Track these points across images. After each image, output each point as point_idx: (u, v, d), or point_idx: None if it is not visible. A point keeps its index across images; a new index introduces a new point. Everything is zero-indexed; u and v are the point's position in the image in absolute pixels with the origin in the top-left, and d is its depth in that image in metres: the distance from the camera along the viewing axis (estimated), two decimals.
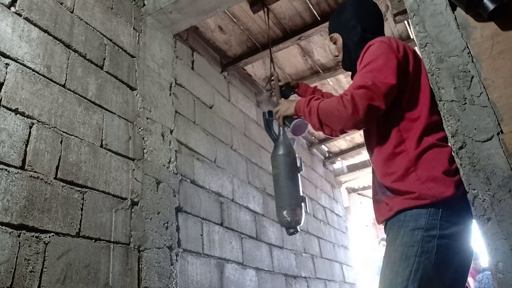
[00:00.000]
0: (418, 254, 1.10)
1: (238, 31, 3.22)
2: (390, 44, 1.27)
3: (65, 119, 1.80)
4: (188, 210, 2.45)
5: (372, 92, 1.20)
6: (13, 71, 1.63)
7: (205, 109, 3.01)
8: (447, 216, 1.12)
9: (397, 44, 1.29)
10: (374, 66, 1.24)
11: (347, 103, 1.22)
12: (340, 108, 1.23)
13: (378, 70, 1.22)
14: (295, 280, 3.52)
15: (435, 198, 1.11)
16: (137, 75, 2.35)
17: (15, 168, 1.52)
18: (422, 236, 1.11)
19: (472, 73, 1.08)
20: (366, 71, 1.25)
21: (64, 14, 1.97)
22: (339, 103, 1.24)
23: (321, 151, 5.48)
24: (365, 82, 1.21)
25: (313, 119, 1.34)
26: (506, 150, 0.99)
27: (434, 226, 1.11)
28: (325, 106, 1.30)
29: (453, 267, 1.13)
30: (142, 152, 2.20)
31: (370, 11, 1.50)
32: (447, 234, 1.11)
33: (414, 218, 1.14)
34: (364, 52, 1.32)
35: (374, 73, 1.22)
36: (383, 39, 1.30)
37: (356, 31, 1.45)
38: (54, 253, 1.56)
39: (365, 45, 1.35)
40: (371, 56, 1.26)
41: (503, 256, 0.93)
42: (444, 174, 1.13)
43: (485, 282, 3.73)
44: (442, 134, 1.19)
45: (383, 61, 1.23)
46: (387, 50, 1.25)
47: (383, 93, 1.20)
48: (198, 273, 2.37)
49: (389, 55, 1.24)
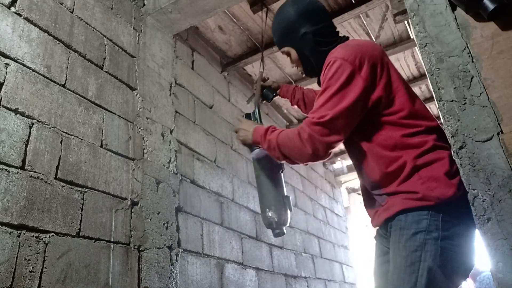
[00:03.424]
0: (422, 259, 1.09)
1: (238, 31, 3.22)
2: (351, 62, 1.19)
3: (65, 119, 1.80)
4: (188, 210, 2.45)
5: (329, 129, 1.18)
6: (13, 71, 1.63)
7: (205, 109, 3.01)
8: (448, 216, 1.11)
9: (360, 56, 1.20)
10: (333, 90, 1.19)
11: (306, 142, 1.21)
12: (300, 147, 1.23)
13: (337, 96, 1.18)
14: (295, 280, 3.52)
15: (439, 200, 1.10)
16: (137, 75, 2.35)
17: (15, 168, 1.52)
18: (424, 239, 1.10)
19: (472, 73, 1.08)
20: (325, 98, 1.20)
21: (64, 14, 1.97)
22: (299, 141, 1.23)
23: None
24: (321, 116, 1.19)
25: (275, 153, 1.34)
26: (506, 150, 0.99)
27: (436, 228, 1.09)
28: (285, 142, 1.29)
29: (463, 268, 1.13)
30: (142, 152, 2.20)
31: (313, 10, 1.39)
32: (449, 235, 1.10)
33: (415, 220, 1.12)
34: (325, 68, 1.25)
35: (332, 101, 1.18)
36: (344, 56, 1.20)
37: (307, 39, 1.37)
38: (54, 253, 1.56)
39: (323, 50, 1.33)
40: (331, 80, 1.20)
41: (503, 256, 0.93)
42: (445, 175, 1.12)
43: (486, 282, 3.73)
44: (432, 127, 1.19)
45: (342, 85, 1.18)
46: (348, 72, 1.18)
47: (341, 125, 1.18)
48: (198, 273, 2.37)
49: (350, 78, 1.18)
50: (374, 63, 1.21)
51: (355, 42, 1.30)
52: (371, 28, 3.33)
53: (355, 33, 3.36)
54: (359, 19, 3.22)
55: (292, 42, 1.41)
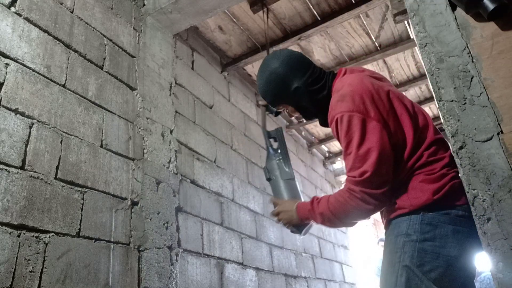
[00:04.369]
0: (401, 259, 1.15)
1: (238, 31, 3.22)
2: (358, 111, 1.18)
3: (65, 119, 1.80)
4: (188, 210, 2.45)
5: (376, 180, 1.17)
6: (13, 71, 1.63)
7: (205, 109, 3.01)
8: (428, 219, 1.15)
9: (360, 100, 1.19)
10: (356, 144, 1.17)
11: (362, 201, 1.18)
12: (358, 207, 1.20)
13: (363, 147, 1.17)
14: (295, 280, 3.52)
15: (412, 207, 1.17)
16: (137, 75, 2.35)
17: (15, 168, 1.52)
18: (403, 241, 1.16)
19: (472, 73, 1.08)
20: (354, 154, 1.18)
21: (64, 14, 1.97)
22: (355, 202, 1.19)
23: (321, 151, 5.47)
24: (362, 173, 1.16)
25: (331, 224, 1.31)
26: (506, 150, 0.99)
27: (414, 231, 1.15)
28: (339, 209, 1.24)
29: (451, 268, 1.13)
30: (142, 152, 2.20)
31: (297, 62, 1.38)
32: (430, 237, 1.14)
33: (397, 226, 1.20)
34: (335, 125, 1.23)
35: (361, 154, 1.17)
36: (348, 109, 1.19)
37: (300, 93, 1.35)
38: (54, 253, 1.56)
39: (319, 97, 1.33)
40: (347, 135, 1.19)
41: (503, 256, 0.93)
42: (421, 182, 1.18)
43: (486, 282, 3.73)
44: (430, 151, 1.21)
45: (361, 135, 1.17)
46: (360, 121, 1.17)
47: (385, 171, 1.17)
48: (198, 273, 2.37)
49: (364, 125, 1.17)
50: (373, 98, 1.21)
51: (346, 88, 1.25)
52: (371, 28, 3.33)
53: (355, 33, 3.36)
54: (359, 19, 3.22)
55: (286, 100, 1.40)
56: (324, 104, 1.34)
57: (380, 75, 1.43)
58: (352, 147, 1.18)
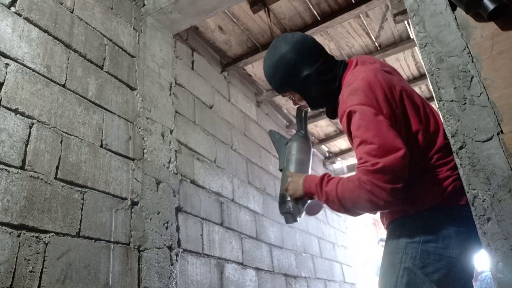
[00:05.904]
0: (403, 260, 1.14)
1: (238, 31, 3.22)
2: (370, 105, 1.13)
3: (65, 119, 1.80)
4: (188, 210, 2.45)
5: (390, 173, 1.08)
6: (13, 71, 1.63)
7: (205, 109, 3.01)
8: (431, 221, 1.15)
9: (372, 94, 1.15)
10: (372, 138, 1.10)
11: (371, 193, 1.09)
12: (367, 197, 1.11)
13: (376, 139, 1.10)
14: (295, 280, 3.52)
15: (416, 209, 1.17)
16: (137, 75, 2.35)
17: (15, 168, 1.52)
18: (406, 243, 1.15)
19: (472, 73, 1.08)
20: (366, 149, 1.10)
21: (64, 14, 1.97)
22: (363, 191, 1.11)
23: (321, 151, 5.47)
24: (374, 163, 1.09)
25: (334, 206, 1.22)
26: (506, 150, 0.99)
27: (417, 233, 1.15)
28: (347, 195, 1.16)
29: (454, 270, 1.13)
30: (142, 152, 2.20)
31: (309, 48, 1.30)
32: (432, 238, 1.13)
33: (400, 227, 1.19)
34: (346, 119, 1.17)
35: (374, 147, 1.10)
36: (360, 102, 1.14)
37: (310, 81, 1.29)
38: (54, 253, 1.56)
39: (329, 87, 1.27)
40: (359, 129, 1.13)
41: (503, 256, 0.93)
42: (426, 185, 1.17)
43: (486, 282, 3.74)
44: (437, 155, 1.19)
45: (376, 127, 1.11)
46: (372, 114, 1.13)
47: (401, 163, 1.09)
48: (198, 273, 2.37)
49: (377, 117, 1.12)
50: (386, 96, 1.17)
51: (359, 82, 1.19)
52: (371, 28, 3.33)
53: (355, 33, 3.36)
54: (359, 19, 3.22)
55: (294, 87, 1.33)
56: (334, 95, 1.29)
57: (391, 67, 1.38)
58: (364, 138, 1.12)
